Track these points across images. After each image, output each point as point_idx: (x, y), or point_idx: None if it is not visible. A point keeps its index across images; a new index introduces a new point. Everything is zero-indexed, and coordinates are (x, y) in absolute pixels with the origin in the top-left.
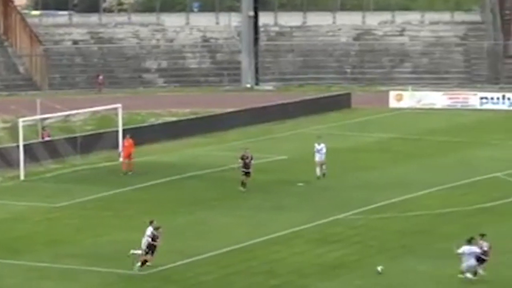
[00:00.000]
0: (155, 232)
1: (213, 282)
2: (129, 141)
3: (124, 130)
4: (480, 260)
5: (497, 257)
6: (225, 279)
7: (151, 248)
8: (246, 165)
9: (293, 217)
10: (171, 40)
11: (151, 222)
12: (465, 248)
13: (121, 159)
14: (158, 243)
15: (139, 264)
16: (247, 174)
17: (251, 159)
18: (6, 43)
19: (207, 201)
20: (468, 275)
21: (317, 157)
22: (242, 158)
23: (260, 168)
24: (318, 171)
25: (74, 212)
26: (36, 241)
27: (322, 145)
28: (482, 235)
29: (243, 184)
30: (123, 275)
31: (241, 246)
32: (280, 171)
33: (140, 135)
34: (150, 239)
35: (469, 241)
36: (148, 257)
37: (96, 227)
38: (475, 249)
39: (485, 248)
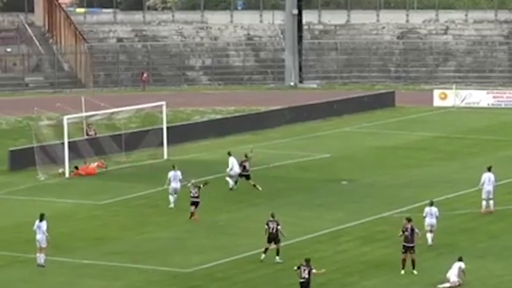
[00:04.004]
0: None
1: (258, 280)
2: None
3: (168, 128)
4: None
5: None
6: (269, 277)
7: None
8: (244, 168)
9: (337, 215)
10: (215, 38)
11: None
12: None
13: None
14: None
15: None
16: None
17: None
18: (50, 41)
19: (251, 199)
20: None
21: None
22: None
23: (304, 166)
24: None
25: (118, 209)
26: (80, 239)
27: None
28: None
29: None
30: (167, 273)
31: (285, 243)
32: (324, 169)
33: (185, 132)
34: None
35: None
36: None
37: (140, 225)
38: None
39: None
